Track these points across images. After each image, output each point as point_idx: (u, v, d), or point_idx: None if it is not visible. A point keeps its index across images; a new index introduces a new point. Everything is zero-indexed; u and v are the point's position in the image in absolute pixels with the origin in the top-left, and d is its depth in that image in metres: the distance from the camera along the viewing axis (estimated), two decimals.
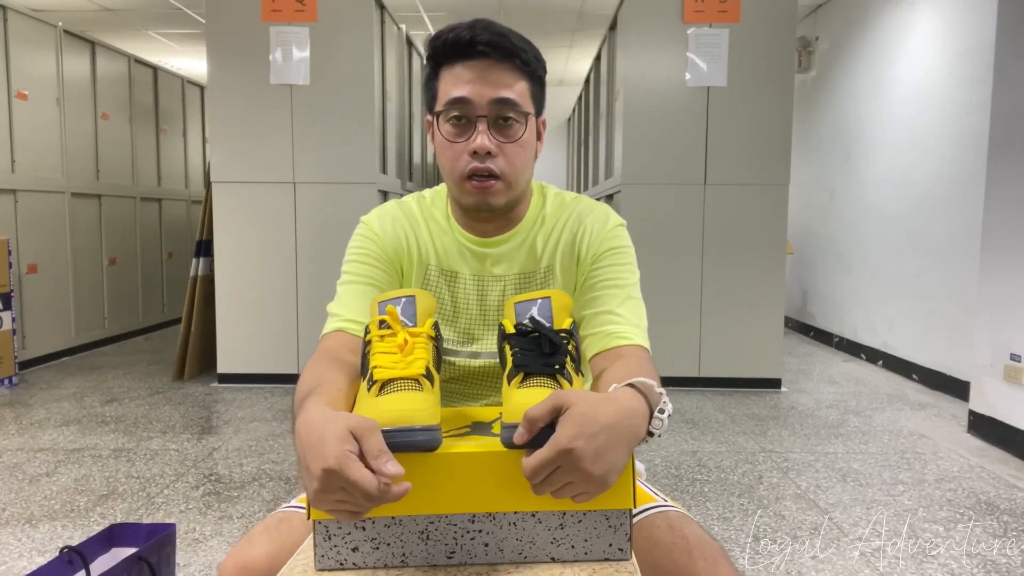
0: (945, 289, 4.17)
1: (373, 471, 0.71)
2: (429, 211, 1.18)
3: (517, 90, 1.04)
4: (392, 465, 0.72)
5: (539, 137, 1.13)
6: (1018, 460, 3.00)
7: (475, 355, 1.15)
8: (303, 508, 1.03)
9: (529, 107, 1.06)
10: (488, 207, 1.07)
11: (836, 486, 2.70)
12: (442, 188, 1.20)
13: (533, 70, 1.06)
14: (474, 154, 1.03)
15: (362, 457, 0.72)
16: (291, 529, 0.98)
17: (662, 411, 0.83)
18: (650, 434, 0.82)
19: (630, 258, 1.14)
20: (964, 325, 3.92)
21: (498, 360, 1.10)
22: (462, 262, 1.15)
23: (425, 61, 1.08)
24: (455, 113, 1.03)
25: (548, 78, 1.13)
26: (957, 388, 3.99)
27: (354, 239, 1.17)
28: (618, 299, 1.09)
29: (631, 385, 0.84)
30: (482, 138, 1.02)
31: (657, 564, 0.93)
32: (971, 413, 3.35)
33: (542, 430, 0.75)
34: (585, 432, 0.73)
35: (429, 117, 1.10)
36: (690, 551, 0.93)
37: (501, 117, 1.03)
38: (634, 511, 0.95)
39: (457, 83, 1.03)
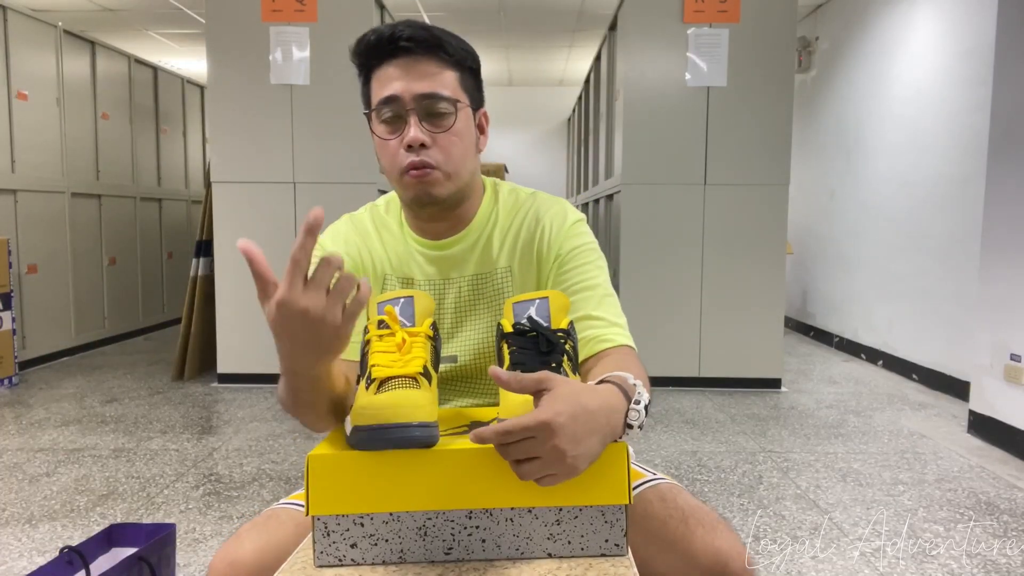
0: (945, 289, 4.17)
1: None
2: (382, 219, 1.17)
3: (445, 80, 1.03)
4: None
5: (482, 131, 1.12)
6: (1018, 460, 3.00)
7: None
8: (293, 505, 1.04)
9: (460, 97, 1.05)
10: (431, 198, 1.05)
11: (836, 486, 2.70)
12: (396, 197, 1.18)
13: (460, 60, 1.05)
14: (408, 148, 1.02)
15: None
16: (279, 524, 0.98)
17: (637, 402, 0.83)
18: (628, 426, 0.82)
19: (595, 254, 1.13)
20: (964, 325, 3.92)
21: (458, 364, 1.12)
22: (416, 268, 1.14)
23: (357, 70, 1.09)
24: (387, 112, 1.03)
25: (548, 78, 1.13)
26: (957, 388, 3.99)
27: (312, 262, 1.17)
28: (593, 301, 1.08)
29: (607, 381, 0.85)
30: (414, 131, 1.01)
31: (653, 537, 0.93)
32: (971, 413, 3.35)
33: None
34: (568, 411, 0.73)
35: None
36: (686, 520, 0.93)
37: (431, 109, 1.03)
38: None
39: (385, 83, 1.03)
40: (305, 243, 0.75)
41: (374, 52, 1.03)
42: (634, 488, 0.99)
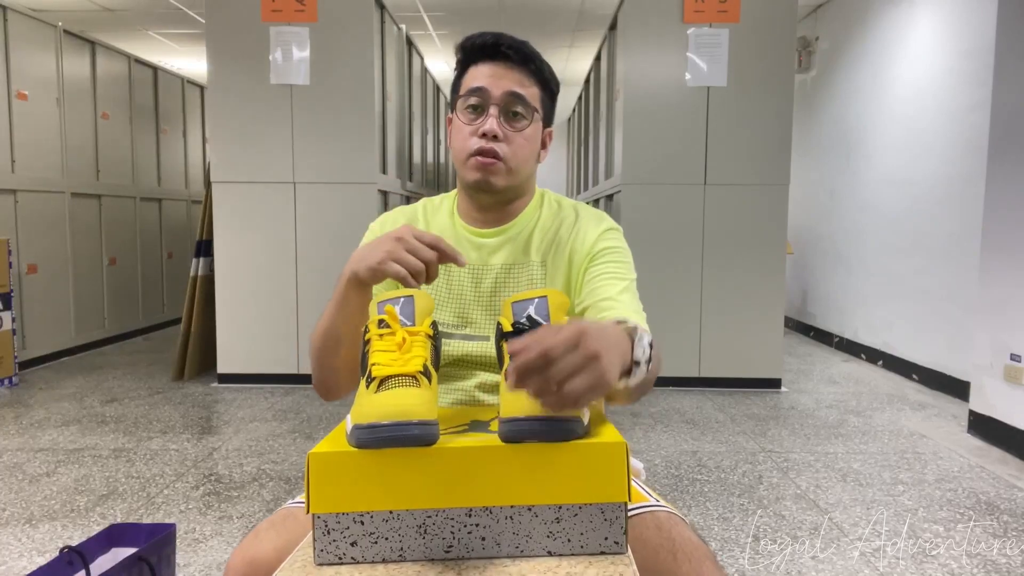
0: (945, 289, 4.17)
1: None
2: (435, 211, 1.27)
3: (529, 91, 1.16)
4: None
5: (543, 145, 1.23)
6: (1018, 460, 3.00)
7: (469, 337, 1.20)
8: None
9: (538, 107, 1.17)
10: (489, 185, 1.15)
11: (836, 486, 2.70)
12: (453, 192, 1.28)
13: (546, 80, 1.19)
14: (483, 136, 1.13)
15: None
16: (297, 524, 1.00)
17: (641, 339, 0.87)
18: (636, 363, 0.86)
19: (627, 258, 1.21)
20: (964, 325, 3.92)
21: (489, 342, 1.17)
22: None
23: (455, 64, 1.22)
24: (472, 100, 1.15)
25: None
26: (957, 388, 3.99)
27: (361, 244, 1.20)
28: (617, 288, 1.14)
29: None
30: (491, 122, 1.13)
31: (643, 564, 0.94)
32: (971, 413, 3.35)
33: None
34: (595, 326, 0.76)
35: (450, 114, 1.20)
36: (675, 553, 0.95)
37: (512, 109, 1.14)
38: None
39: (479, 76, 1.15)
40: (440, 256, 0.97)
41: (478, 50, 1.16)
42: (633, 511, 1.00)
